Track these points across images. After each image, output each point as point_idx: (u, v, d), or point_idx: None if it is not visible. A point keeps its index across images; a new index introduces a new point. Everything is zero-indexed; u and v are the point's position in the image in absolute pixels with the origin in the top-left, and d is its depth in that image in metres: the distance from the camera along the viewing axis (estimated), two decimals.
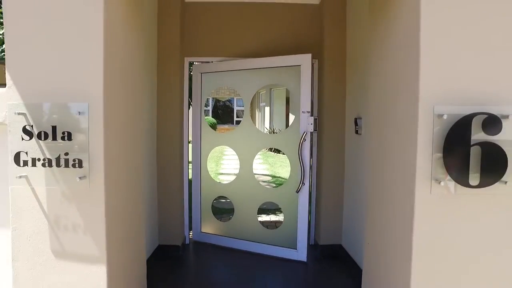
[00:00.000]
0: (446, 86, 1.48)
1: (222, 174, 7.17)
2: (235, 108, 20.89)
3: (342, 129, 3.17)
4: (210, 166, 4.09)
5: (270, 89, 10.28)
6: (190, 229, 3.59)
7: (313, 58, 3.09)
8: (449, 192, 1.49)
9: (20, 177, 1.57)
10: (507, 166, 1.44)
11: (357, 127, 2.79)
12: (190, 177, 3.56)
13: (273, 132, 8.99)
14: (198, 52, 3.37)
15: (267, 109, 10.25)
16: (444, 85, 1.48)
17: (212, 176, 3.73)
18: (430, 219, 1.52)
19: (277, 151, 8.28)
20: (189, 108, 3.61)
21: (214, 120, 16.99)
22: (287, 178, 3.37)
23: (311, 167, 3.28)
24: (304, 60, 3.07)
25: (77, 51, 1.57)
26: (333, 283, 2.70)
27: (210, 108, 20.01)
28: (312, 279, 2.86)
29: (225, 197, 3.66)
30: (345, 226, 3.17)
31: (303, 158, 3.06)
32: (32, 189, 1.59)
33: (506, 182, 1.45)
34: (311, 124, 3.05)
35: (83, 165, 1.56)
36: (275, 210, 4.37)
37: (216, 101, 21.02)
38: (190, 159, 3.58)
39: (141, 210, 2.20)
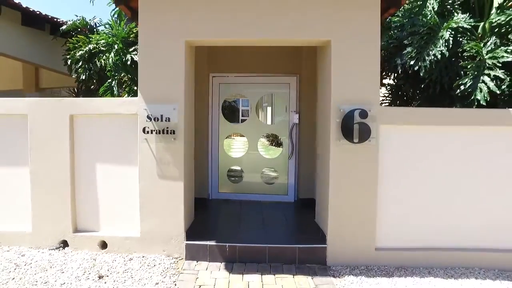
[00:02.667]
0: (340, 97, 3.20)
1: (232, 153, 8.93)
2: (240, 108, 22.66)
3: (314, 121, 4.87)
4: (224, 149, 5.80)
5: (271, 94, 12.11)
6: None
7: (296, 74, 4.82)
8: (348, 142, 3.21)
9: (145, 139, 3.31)
10: (370, 133, 3.15)
11: None
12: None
13: (272, 123, 10.99)
14: (218, 69, 5.09)
15: (269, 108, 12.30)
16: (341, 96, 3.20)
17: (227, 153, 5.48)
18: (337, 158, 3.24)
19: (278, 145, 9.97)
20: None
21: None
22: (280, 152, 5.12)
23: (296, 144, 5.01)
24: (292, 79, 4.85)
25: (174, 82, 3.30)
26: (304, 211, 4.41)
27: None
28: (294, 211, 4.57)
29: (237, 168, 5.40)
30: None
31: (292, 138, 4.81)
32: (149, 144, 3.33)
33: (370, 140, 3.17)
34: (297, 118, 4.79)
35: (175, 133, 3.30)
36: (271, 172, 6.09)
37: (223, 101, 22.79)
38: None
39: (193, 163, 3.93)
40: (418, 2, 5.02)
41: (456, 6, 4.98)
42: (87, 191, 3.53)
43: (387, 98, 6.40)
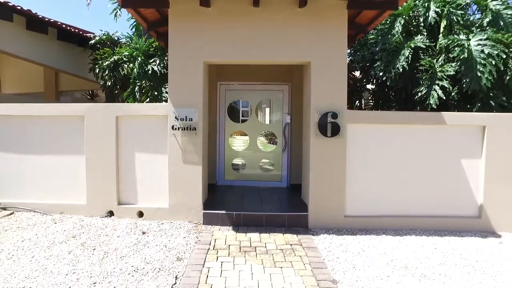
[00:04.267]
0: (317, 104, 4.36)
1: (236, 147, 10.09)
2: (240, 109, 23.90)
3: (302, 121, 6.02)
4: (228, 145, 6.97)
5: (269, 99, 13.38)
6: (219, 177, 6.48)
7: (288, 83, 5.98)
8: (323, 137, 4.37)
9: (173, 134, 4.47)
10: (339, 130, 4.31)
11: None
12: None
13: (270, 123, 12.28)
14: (225, 78, 6.23)
15: (267, 110, 13.61)
16: (318, 102, 4.36)
17: (232, 147, 6.64)
18: (316, 148, 4.40)
19: (275, 143, 11.16)
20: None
21: None
22: (275, 147, 6.27)
23: (288, 140, 6.16)
24: (285, 87, 6.00)
25: (195, 91, 4.46)
26: (294, 193, 5.56)
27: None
28: (286, 195, 5.72)
29: (240, 160, 6.55)
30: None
31: (285, 135, 5.97)
32: (176, 138, 4.49)
33: (339, 135, 4.33)
34: (289, 118, 5.94)
35: (196, 129, 4.46)
36: (268, 163, 7.25)
37: (228, 104, 24.03)
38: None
39: (207, 153, 5.08)
40: (387, 25, 6.19)
41: (421, 28, 6.12)
42: (128, 174, 4.68)
43: (370, 100, 7.60)
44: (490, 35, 5.07)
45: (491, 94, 5.41)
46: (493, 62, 4.93)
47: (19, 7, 5.77)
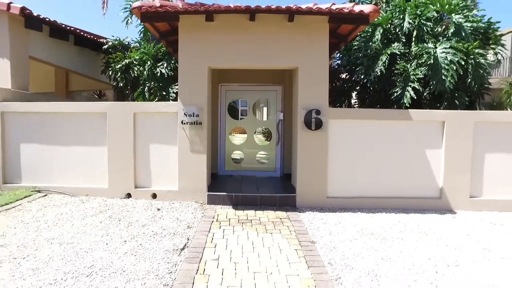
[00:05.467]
0: (303, 102, 5.21)
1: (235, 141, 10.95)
2: (239, 108, 24.79)
3: (292, 118, 6.85)
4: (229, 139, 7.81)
5: (265, 98, 14.26)
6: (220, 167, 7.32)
7: (281, 84, 6.82)
8: (308, 130, 5.21)
9: (182, 128, 5.31)
10: (322, 124, 5.16)
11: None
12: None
13: (265, 120, 13.18)
14: (225, 80, 7.07)
15: (263, 108, 14.49)
16: (304, 101, 5.21)
17: (231, 141, 7.48)
18: (302, 140, 5.25)
19: (270, 138, 12.08)
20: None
21: None
22: (270, 141, 7.10)
23: (281, 134, 7.00)
24: (278, 88, 6.84)
25: (200, 92, 5.29)
26: (286, 181, 6.39)
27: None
28: (279, 182, 6.56)
29: (239, 153, 7.39)
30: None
31: (279, 131, 6.81)
32: (185, 131, 5.32)
33: (322, 128, 5.17)
34: (282, 115, 6.78)
35: (201, 124, 5.29)
36: (264, 155, 8.09)
37: (228, 103, 24.92)
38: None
39: (211, 145, 5.92)
40: (369, 33, 7.02)
41: (400, 36, 6.94)
42: (143, 162, 5.51)
43: (357, 100, 8.44)
44: (453, 44, 5.92)
45: (456, 94, 6.26)
46: (454, 68, 5.78)
47: (47, 19, 6.58)
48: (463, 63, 5.81)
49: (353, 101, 8.66)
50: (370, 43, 6.92)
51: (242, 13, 4.94)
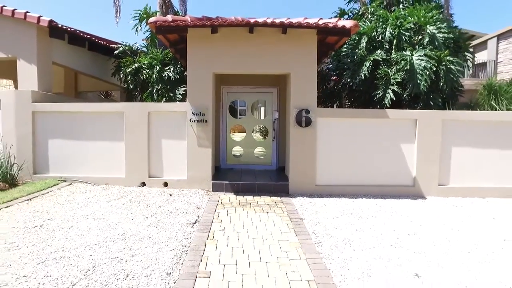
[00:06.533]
0: (295, 103, 6.05)
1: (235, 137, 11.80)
2: (238, 108, 25.70)
3: (286, 117, 7.67)
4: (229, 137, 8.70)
5: (262, 99, 15.11)
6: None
7: (276, 86, 7.65)
8: (299, 127, 6.04)
9: (190, 125, 6.13)
10: (311, 122, 5.99)
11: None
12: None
13: (262, 118, 14.13)
14: (227, 83, 7.89)
15: (261, 108, 15.40)
16: (296, 102, 6.04)
17: (232, 138, 8.31)
18: (294, 136, 6.08)
19: (267, 136, 12.98)
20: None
21: None
22: (266, 138, 7.93)
23: (277, 132, 7.83)
24: (274, 90, 7.67)
25: (206, 94, 6.12)
26: (281, 172, 7.22)
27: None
28: (274, 174, 7.38)
29: (239, 148, 8.22)
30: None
31: (274, 128, 7.64)
32: (193, 128, 6.14)
33: (311, 125, 6.01)
34: (277, 114, 7.61)
35: (207, 122, 6.12)
36: (261, 151, 8.92)
37: (229, 103, 25.79)
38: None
39: (214, 139, 6.74)
40: (355, 41, 7.85)
41: (384, 44, 7.76)
42: (156, 154, 6.33)
43: (347, 101, 9.28)
44: (427, 52, 6.77)
45: (430, 96, 7.11)
46: (428, 73, 6.63)
47: (69, 29, 7.38)
48: (435, 69, 6.66)
49: (343, 102, 9.52)
50: (357, 50, 7.76)
51: (242, 26, 5.76)
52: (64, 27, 7.24)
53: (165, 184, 6.31)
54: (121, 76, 9.10)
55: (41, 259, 3.27)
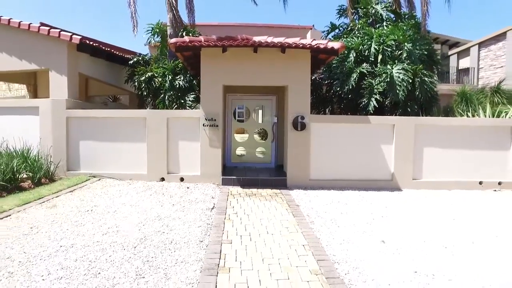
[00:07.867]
0: (292, 110, 7.17)
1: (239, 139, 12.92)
2: (242, 112, 27.00)
3: (283, 121, 8.79)
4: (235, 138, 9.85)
5: (262, 105, 16.33)
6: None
7: (275, 94, 8.78)
8: (295, 131, 7.17)
9: (203, 129, 7.21)
10: (306, 126, 7.12)
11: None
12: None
13: (263, 122, 15.34)
14: (232, 91, 8.97)
15: (261, 112, 16.64)
16: (292, 110, 7.17)
17: (236, 139, 9.41)
18: (291, 138, 7.20)
19: (266, 137, 14.12)
20: None
21: None
22: (266, 139, 9.06)
23: (275, 134, 8.93)
24: (273, 97, 8.80)
25: (217, 102, 7.21)
26: (280, 169, 8.33)
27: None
28: (274, 170, 8.49)
29: (242, 149, 9.32)
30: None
31: (273, 131, 8.76)
32: (205, 131, 7.23)
33: (306, 129, 7.13)
34: (276, 119, 8.73)
35: (218, 126, 7.21)
36: (262, 151, 10.03)
37: (234, 109, 26.91)
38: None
39: (224, 141, 7.83)
40: (344, 55, 8.98)
41: (370, 57, 8.89)
42: (174, 154, 7.40)
43: (337, 108, 10.41)
44: (404, 66, 7.94)
45: (408, 104, 8.28)
46: (405, 84, 7.79)
47: (93, 44, 8.43)
48: (411, 81, 7.83)
49: (333, 108, 10.67)
50: (345, 63, 8.90)
51: (248, 46, 6.87)
52: (90, 43, 8.29)
53: (181, 179, 7.39)
54: (135, 83, 10.15)
55: (103, 231, 4.34)
